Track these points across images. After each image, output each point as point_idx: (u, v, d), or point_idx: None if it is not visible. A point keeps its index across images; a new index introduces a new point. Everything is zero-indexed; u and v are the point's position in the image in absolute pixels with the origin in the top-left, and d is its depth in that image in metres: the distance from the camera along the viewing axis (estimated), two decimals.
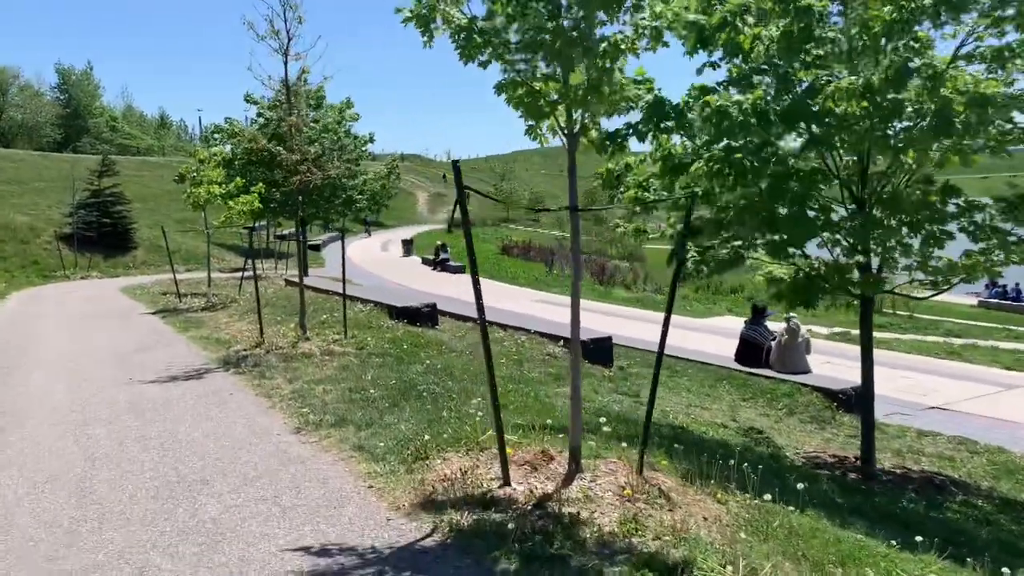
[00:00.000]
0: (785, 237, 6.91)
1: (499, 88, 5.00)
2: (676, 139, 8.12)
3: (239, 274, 26.75)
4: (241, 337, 12.28)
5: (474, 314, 14.78)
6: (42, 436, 6.98)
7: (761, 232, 7.19)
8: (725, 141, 6.96)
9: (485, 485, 5.02)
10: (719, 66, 7.90)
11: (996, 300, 36.69)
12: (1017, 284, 36.76)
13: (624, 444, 6.11)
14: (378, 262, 36.47)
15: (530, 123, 5.24)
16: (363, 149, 23.18)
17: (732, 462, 5.72)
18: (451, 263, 34.26)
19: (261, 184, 18.40)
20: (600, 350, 12.26)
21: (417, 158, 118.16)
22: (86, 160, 47.88)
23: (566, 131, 5.00)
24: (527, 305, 22.26)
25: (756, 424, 9.83)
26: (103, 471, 5.87)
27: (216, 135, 22.68)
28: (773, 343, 12.23)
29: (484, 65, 5.00)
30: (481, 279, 5.69)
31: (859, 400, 10.87)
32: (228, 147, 22.53)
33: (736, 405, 10.58)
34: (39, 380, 9.64)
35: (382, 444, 6.12)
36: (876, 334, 20.21)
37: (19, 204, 37.17)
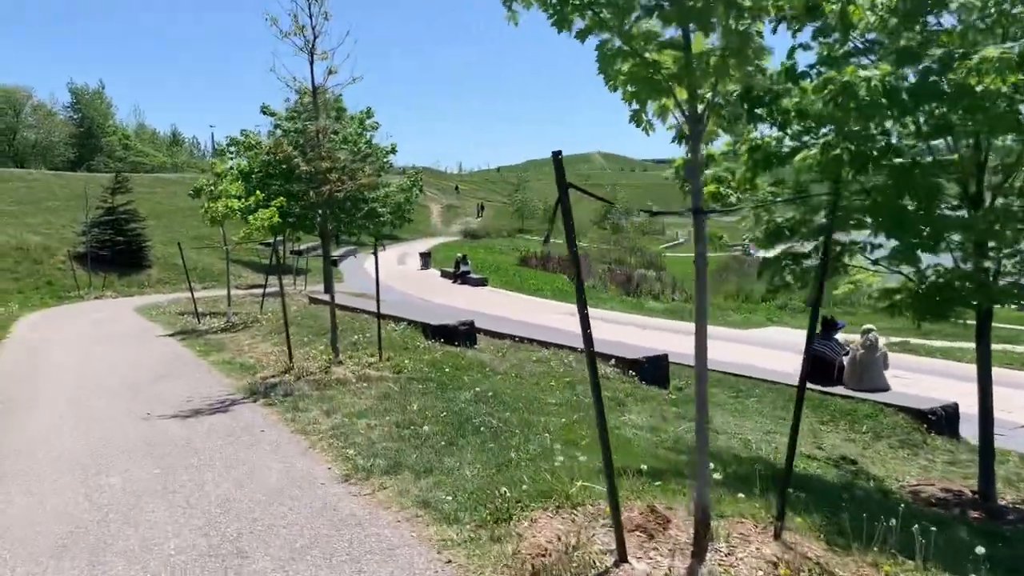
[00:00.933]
0: (914, 239, 5.87)
1: (603, 61, 4.00)
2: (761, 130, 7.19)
3: (258, 291, 25.89)
4: (267, 361, 11.31)
5: (512, 331, 13.71)
6: (46, 491, 6.00)
7: (888, 233, 6.15)
8: (836, 127, 5.98)
9: (596, 562, 3.98)
10: (810, 47, 6.92)
11: None
12: None
13: (740, 494, 5.09)
14: (397, 276, 35.52)
15: (635, 107, 4.23)
16: (385, 160, 22.29)
17: (864, 513, 4.70)
18: (472, 275, 33.32)
19: (281, 198, 17.54)
20: (656, 369, 11.20)
21: (428, 170, 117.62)
22: (100, 178, 47.32)
23: (687, 112, 3.98)
24: (558, 319, 21.24)
25: (844, 451, 8.75)
26: (118, 539, 4.87)
27: (232, 148, 21.84)
28: (846, 358, 11.14)
29: (582, 36, 4.02)
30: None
31: (950, 421, 9.80)
32: (245, 160, 21.67)
33: (816, 430, 9.50)
34: (44, 418, 8.67)
35: (450, 498, 5.10)
36: (937, 343, 19.16)
37: (33, 224, 36.51)
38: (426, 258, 40.47)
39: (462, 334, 12.15)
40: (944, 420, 9.63)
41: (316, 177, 10.35)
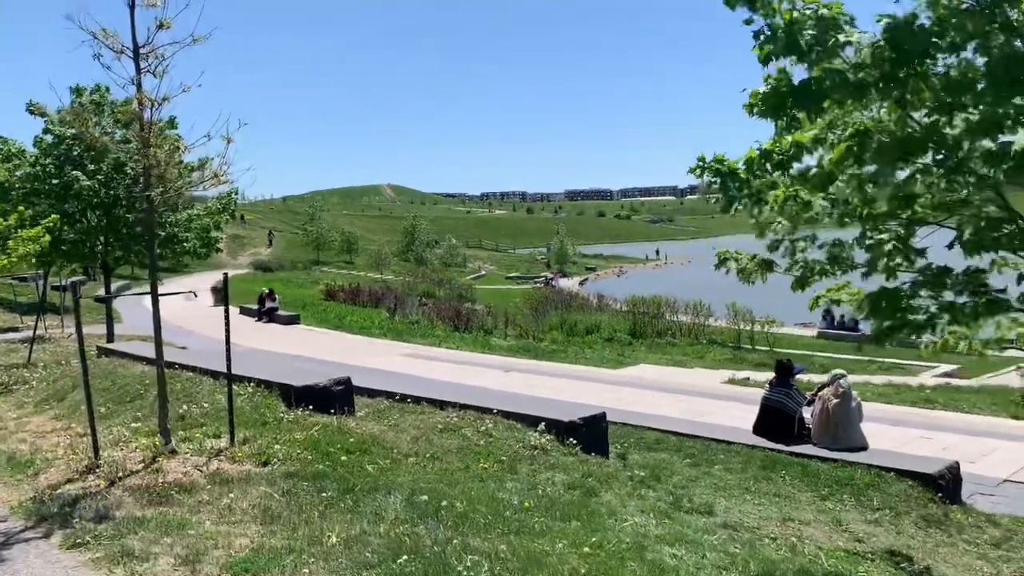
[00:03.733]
0: None
1: None
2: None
3: (11, 336, 20.73)
4: (54, 451, 7.65)
5: (381, 384, 10.84)
6: None
7: None
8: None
9: None
10: None
11: (834, 331, 37.32)
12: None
13: None
14: (189, 315, 30.53)
15: None
16: (189, 179, 18.35)
17: None
18: (280, 312, 29.43)
19: (54, 216, 13.45)
20: (594, 434, 8.87)
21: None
22: None
23: None
24: (402, 362, 18.41)
25: (882, 541, 6.86)
26: None
27: None
28: (806, 410, 9.46)
29: None
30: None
31: (955, 484, 8.29)
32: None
33: (825, 509, 7.56)
34: None
35: None
36: (699, 370, 18.37)
37: None
38: (219, 293, 35.56)
39: (337, 396, 9.09)
40: (951, 484, 8.10)
41: (144, 175, 7.03)
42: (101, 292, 38.55)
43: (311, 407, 8.81)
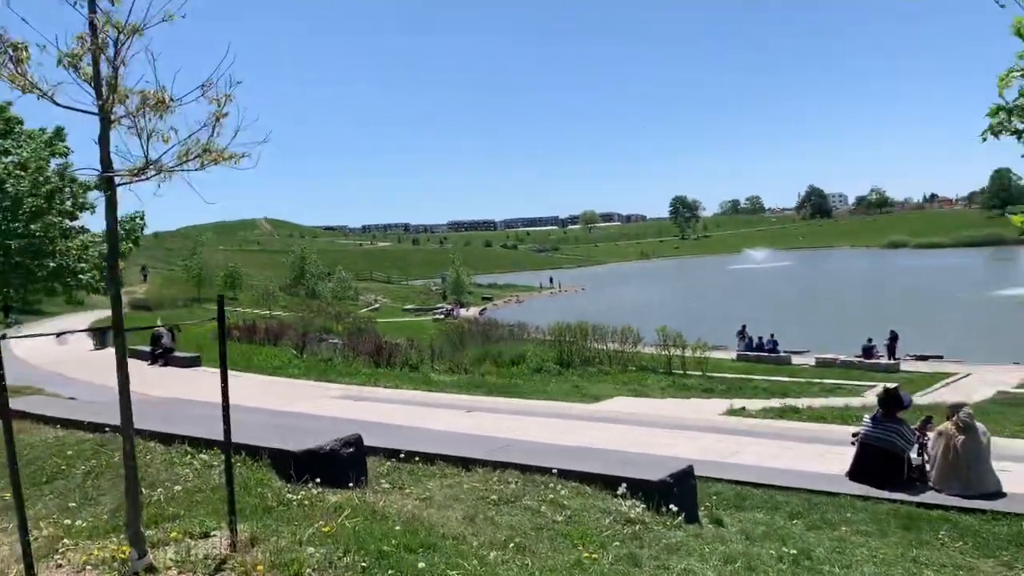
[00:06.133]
0: None
1: None
2: None
3: None
4: None
5: (377, 441, 8.71)
6: None
7: None
8: None
9: None
10: None
11: (754, 352, 37.06)
12: (772, 335, 37.50)
13: None
14: (70, 361, 26.60)
15: None
16: (83, 199, 15.51)
17: None
18: (177, 354, 26.09)
19: None
20: (685, 495, 7.00)
21: None
22: None
23: None
24: (343, 406, 16.00)
25: None
26: None
27: None
28: (913, 451, 7.94)
29: None
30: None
31: None
32: None
33: None
34: None
35: None
36: (674, 401, 17.10)
37: None
38: (102, 335, 31.45)
39: (348, 462, 6.81)
40: None
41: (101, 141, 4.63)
42: None
43: (319, 479, 6.52)
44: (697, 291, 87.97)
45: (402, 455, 8.18)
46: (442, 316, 65.13)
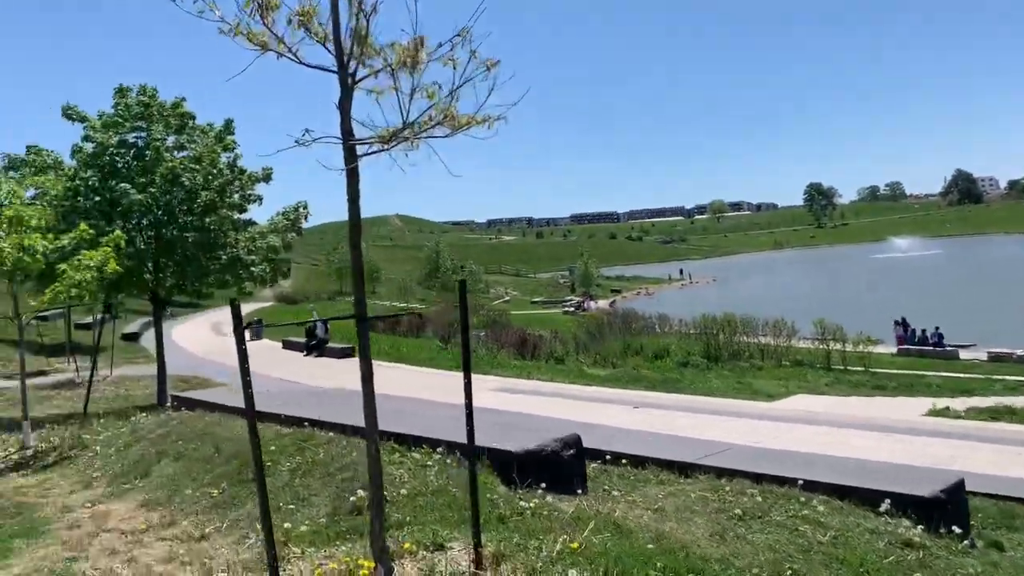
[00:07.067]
0: None
1: None
2: None
3: (39, 380, 17.93)
4: None
5: (590, 441, 7.85)
6: None
7: None
8: None
9: None
10: None
11: (916, 347, 34.39)
12: (937, 328, 34.70)
13: None
14: (218, 350, 27.65)
15: None
16: (251, 191, 15.68)
17: None
18: (331, 345, 26.55)
19: (118, 233, 10.75)
20: (957, 512, 6.00)
21: None
22: None
23: None
24: (501, 399, 15.56)
25: None
26: None
27: (13, 172, 14.28)
28: None
29: None
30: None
31: None
32: (31, 192, 14.11)
33: None
34: None
35: None
36: (857, 399, 15.41)
37: None
38: (258, 327, 32.63)
39: (569, 465, 6.22)
40: None
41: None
42: (133, 328, 35.89)
43: (542, 484, 5.93)
44: (841, 281, 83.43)
45: (607, 456, 7.52)
46: (572, 309, 64.53)
